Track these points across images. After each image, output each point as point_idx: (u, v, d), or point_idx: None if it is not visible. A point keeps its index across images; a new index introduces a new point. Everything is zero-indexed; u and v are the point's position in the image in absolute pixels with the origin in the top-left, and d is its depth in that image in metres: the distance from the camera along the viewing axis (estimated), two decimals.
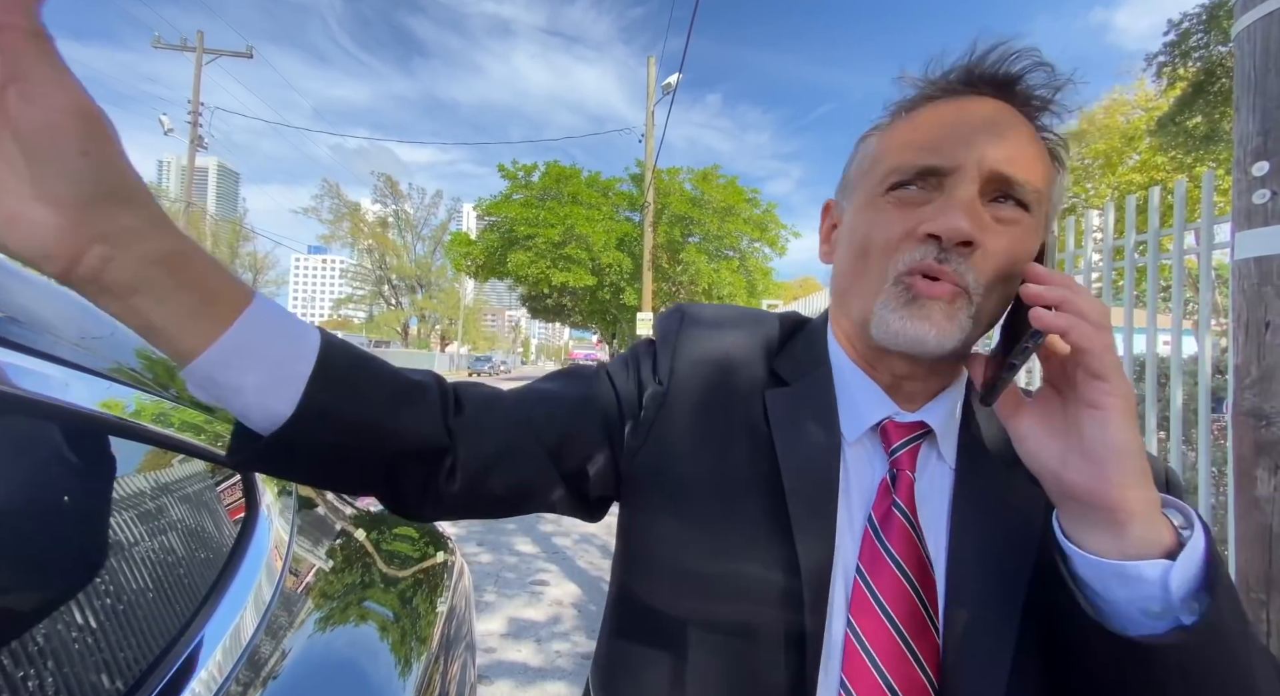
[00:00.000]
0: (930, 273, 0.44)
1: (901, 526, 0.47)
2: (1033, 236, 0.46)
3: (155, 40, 17.08)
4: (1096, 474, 0.38)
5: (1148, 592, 0.36)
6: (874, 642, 0.44)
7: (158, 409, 0.63)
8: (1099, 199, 16.81)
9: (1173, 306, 2.39)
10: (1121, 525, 0.37)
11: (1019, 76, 0.46)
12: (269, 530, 0.74)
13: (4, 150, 0.30)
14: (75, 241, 0.32)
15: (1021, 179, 0.44)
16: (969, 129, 0.45)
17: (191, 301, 0.35)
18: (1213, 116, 9.90)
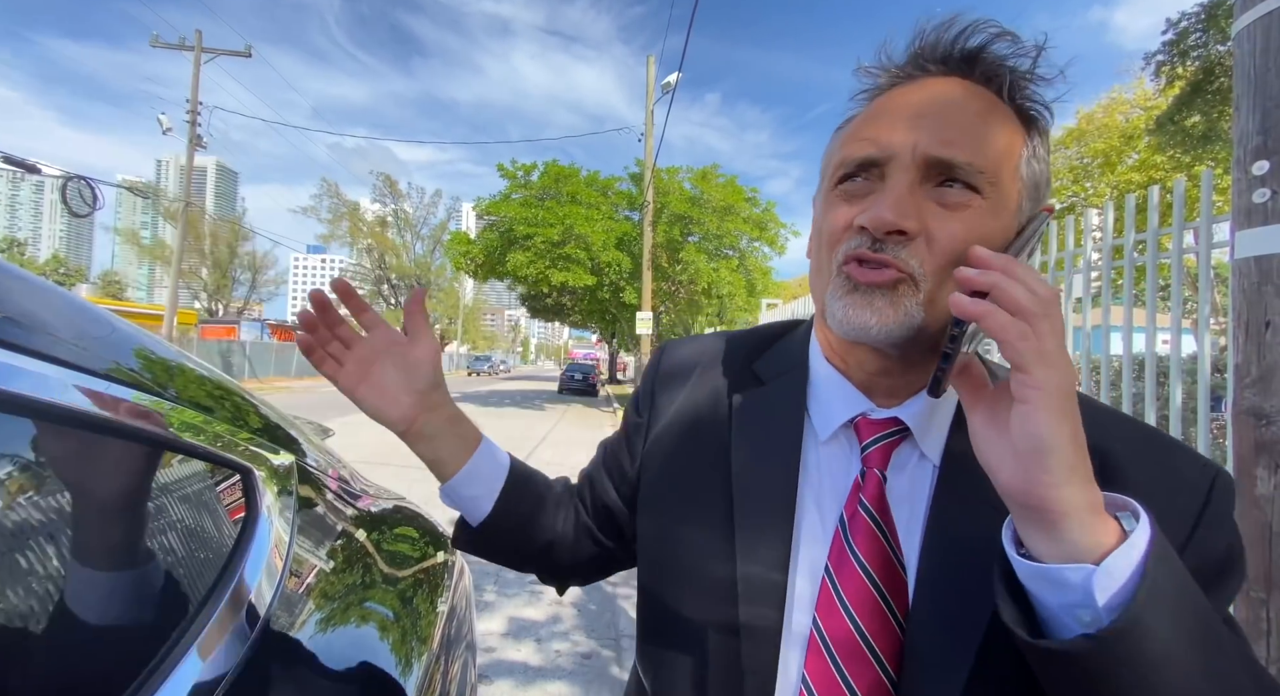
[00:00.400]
0: (865, 258, 0.44)
1: (866, 525, 0.47)
2: (990, 217, 0.43)
3: (154, 39, 17.04)
4: (1023, 471, 0.36)
5: (1073, 599, 0.34)
6: (835, 640, 0.45)
7: (156, 409, 0.63)
8: (1098, 198, 16.82)
9: (1172, 305, 2.39)
10: (1052, 526, 0.35)
11: (977, 51, 0.45)
12: (269, 530, 0.74)
13: (397, 369, 0.59)
14: (417, 412, 0.60)
15: (962, 161, 0.42)
16: (907, 115, 0.44)
17: (458, 443, 0.61)
18: (1211, 116, 9.91)
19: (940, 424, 0.50)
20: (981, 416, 0.40)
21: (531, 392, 24.14)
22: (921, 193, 0.43)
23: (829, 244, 0.47)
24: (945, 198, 0.43)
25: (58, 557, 0.49)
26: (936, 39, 0.45)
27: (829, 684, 0.44)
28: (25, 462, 0.50)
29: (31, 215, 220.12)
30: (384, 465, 7.07)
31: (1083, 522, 0.34)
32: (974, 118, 0.43)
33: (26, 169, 10.91)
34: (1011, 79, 0.45)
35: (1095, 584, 0.33)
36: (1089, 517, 0.35)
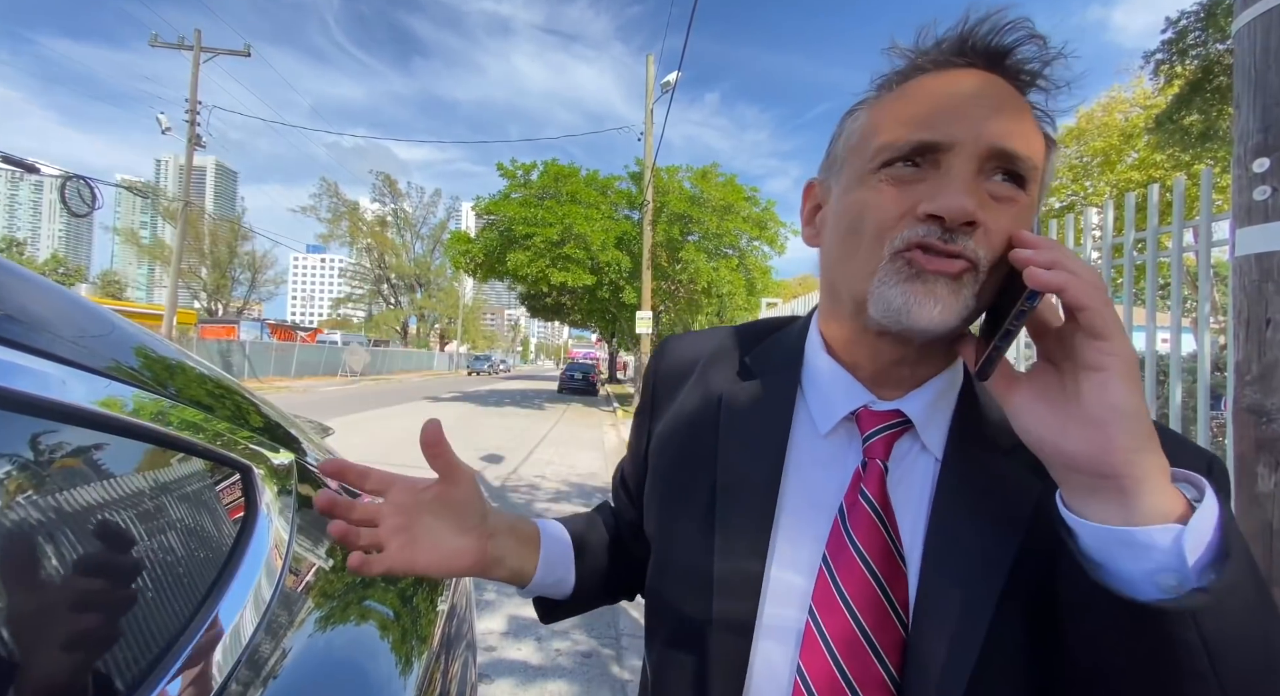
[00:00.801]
0: (934, 247, 0.42)
1: (867, 516, 0.46)
2: (1029, 213, 0.44)
3: (153, 39, 17.02)
4: (1099, 438, 0.36)
5: (1160, 561, 0.34)
6: (832, 632, 0.45)
7: (156, 407, 0.63)
8: (1098, 197, 16.81)
9: (1172, 304, 2.39)
10: (1128, 492, 0.35)
11: (1011, 48, 0.44)
12: (269, 529, 0.74)
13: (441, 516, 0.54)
14: (483, 547, 0.56)
15: (1023, 154, 0.42)
16: (966, 102, 0.43)
17: (524, 549, 0.60)
18: (1210, 114, 9.90)
19: (941, 417, 0.49)
20: (1029, 396, 0.40)
21: (531, 392, 24.15)
22: (978, 183, 0.43)
23: (878, 230, 0.44)
24: (997, 190, 0.43)
25: (57, 556, 0.49)
26: (980, 29, 0.44)
27: (828, 679, 0.44)
28: (25, 461, 0.50)
29: (31, 215, 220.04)
30: (384, 464, 7.07)
31: (1158, 487, 0.35)
32: (1022, 113, 0.44)
33: (25, 168, 10.91)
34: (1033, 82, 0.45)
35: (1186, 544, 0.33)
36: (1164, 482, 0.35)
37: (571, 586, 0.64)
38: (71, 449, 0.54)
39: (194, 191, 19.85)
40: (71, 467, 0.54)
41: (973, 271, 0.42)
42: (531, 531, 0.62)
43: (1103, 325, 0.36)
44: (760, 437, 0.53)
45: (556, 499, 5.75)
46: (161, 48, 17.10)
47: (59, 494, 0.51)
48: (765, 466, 0.51)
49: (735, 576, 0.49)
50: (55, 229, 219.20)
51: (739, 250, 18.40)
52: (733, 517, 0.51)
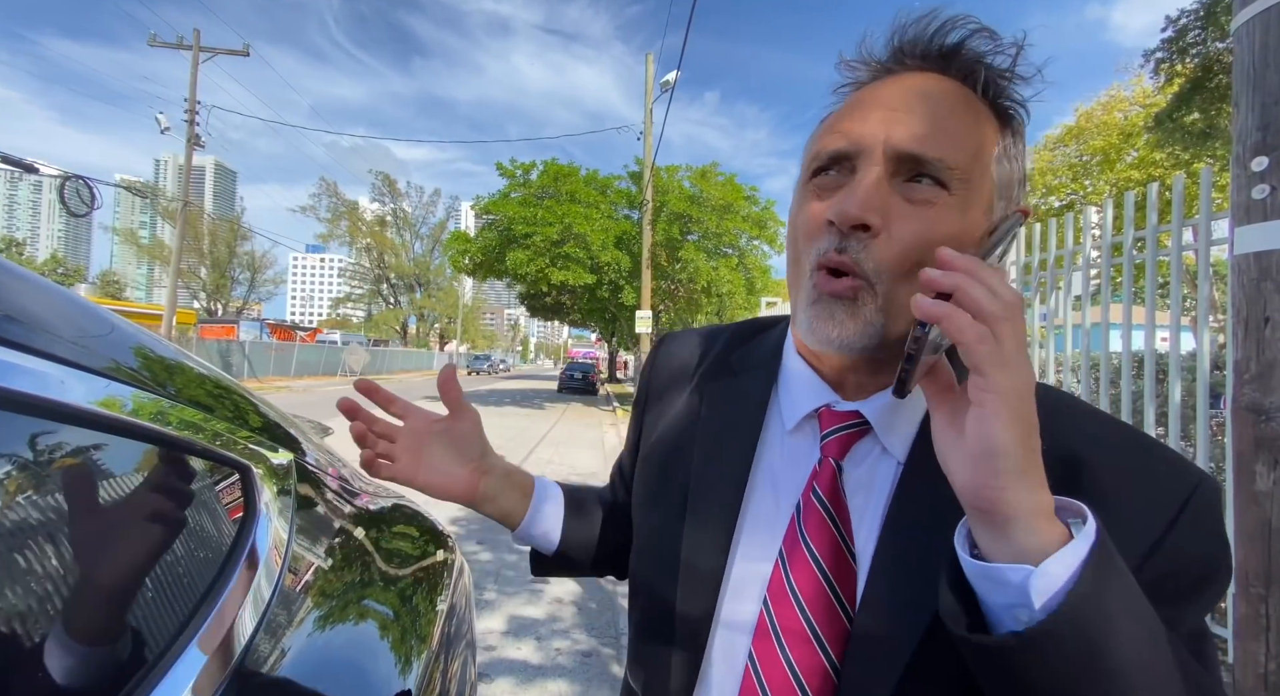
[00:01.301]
0: (831, 265, 0.44)
1: (819, 516, 0.48)
2: (957, 215, 0.43)
3: (152, 38, 17.01)
4: (974, 473, 0.35)
5: (1013, 599, 0.34)
6: (782, 624, 0.46)
7: (155, 407, 0.63)
8: (1097, 196, 16.82)
9: (1171, 303, 2.39)
10: (1000, 527, 0.35)
11: (955, 46, 0.44)
12: (267, 528, 0.74)
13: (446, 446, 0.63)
14: (476, 481, 0.64)
15: (931, 156, 0.42)
16: (880, 109, 0.44)
17: (517, 493, 0.67)
18: (1210, 113, 9.90)
19: (908, 421, 0.49)
20: (943, 418, 0.39)
21: (531, 391, 24.15)
22: (890, 187, 0.43)
23: (804, 238, 0.47)
24: (912, 193, 0.43)
25: (55, 556, 0.49)
26: (916, 34, 0.45)
27: (774, 666, 0.46)
28: (24, 461, 0.50)
29: (30, 215, 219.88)
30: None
31: (1029, 526, 0.34)
32: (947, 113, 0.43)
33: (24, 168, 10.90)
34: (988, 75, 0.45)
35: (1032, 585, 0.34)
36: (1035, 521, 0.35)
37: (557, 543, 0.69)
38: (71, 449, 0.54)
39: (193, 191, 19.85)
40: (70, 467, 0.54)
41: (867, 289, 0.43)
42: (527, 481, 0.69)
43: (977, 361, 0.34)
44: (732, 434, 0.55)
45: None
46: (160, 47, 17.08)
47: (58, 494, 0.51)
48: (734, 461, 0.54)
49: (700, 566, 0.52)
50: (54, 229, 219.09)
51: (738, 249, 18.41)
52: (702, 510, 0.53)
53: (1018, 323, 0.35)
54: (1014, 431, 0.34)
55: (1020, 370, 0.35)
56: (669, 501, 0.56)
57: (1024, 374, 0.35)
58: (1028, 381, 0.35)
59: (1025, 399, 0.35)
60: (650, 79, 14.64)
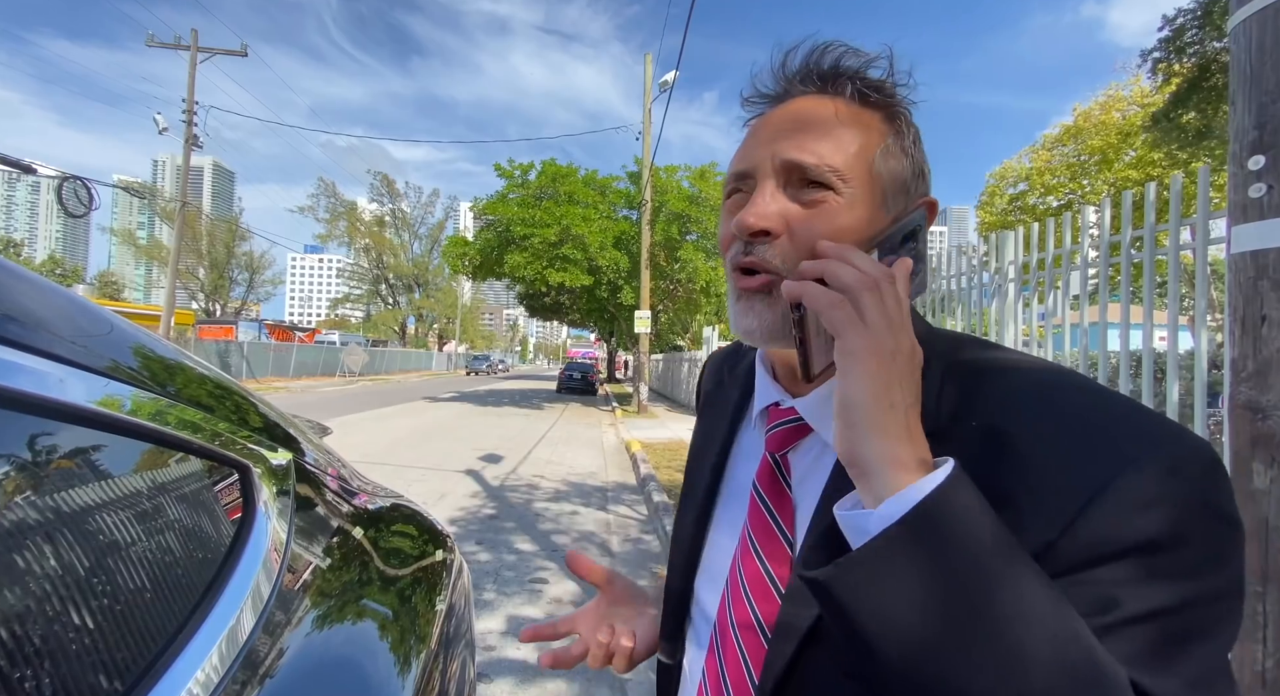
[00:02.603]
0: (742, 266, 0.49)
1: (757, 505, 0.53)
2: (847, 212, 0.47)
3: (149, 39, 16.99)
4: (838, 430, 0.40)
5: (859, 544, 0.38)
6: (733, 599, 0.52)
7: (154, 406, 0.63)
8: (1095, 195, 16.83)
9: (1169, 302, 2.39)
10: (863, 479, 0.39)
11: (828, 68, 0.50)
12: (267, 528, 0.74)
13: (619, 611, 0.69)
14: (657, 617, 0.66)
15: (810, 162, 0.47)
16: (768, 130, 0.50)
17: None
18: (1207, 112, 9.92)
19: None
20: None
21: (530, 392, 24.14)
22: (784, 196, 0.48)
23: (724, 250, 0.52)
24: (802, 197, 0.48)
25: (54, 556, 0.49)
26: (792, 62, 0.51)
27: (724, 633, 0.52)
28: (23, 460, 0.50)
29: (27, 216, 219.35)
30: (382, 464, 7.07)
31: (883, 475, 0.37)
32: (821, 124, 0.48)
33: (22, 169, 10.87)
34: (854, 86, 0.50)
35: (872, 526, 0.36)
36: (891, 470, 0.37)
37: None
38: (70, 448, 0.54)
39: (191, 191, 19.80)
40: (69, 467, 0.54)
41: (779, 281, 0.47)
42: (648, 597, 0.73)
43: (831, 324, 0.40)
44: (714, 434, 0.63)
45: (555, 498, 5.75)
46: (158, 47, 17.06)
47: (57, 493, 0.51)
48: (711, 456, 0.62)
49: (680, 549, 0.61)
50: (52, 230, 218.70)
51: None
52: (687, 501, 0.62)
53: (881, 294, 0.40)
54: (866, 387, 0.38)
55: (880, 334, 0.39)
56: (684, 504, 0.64)
57: (884, 338, 0.39)
58: (889, 345, 0.39)
59: (883, 360, 0.39)
60: (649, 79, 14.65)
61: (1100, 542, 0.35)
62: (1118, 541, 0.35)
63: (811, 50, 0.50)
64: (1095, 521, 0.35)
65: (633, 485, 6.56)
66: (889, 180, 0.49)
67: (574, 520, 4.99)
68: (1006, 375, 0.44)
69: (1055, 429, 0.39)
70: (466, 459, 7.72)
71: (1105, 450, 0.37)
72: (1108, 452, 0.37)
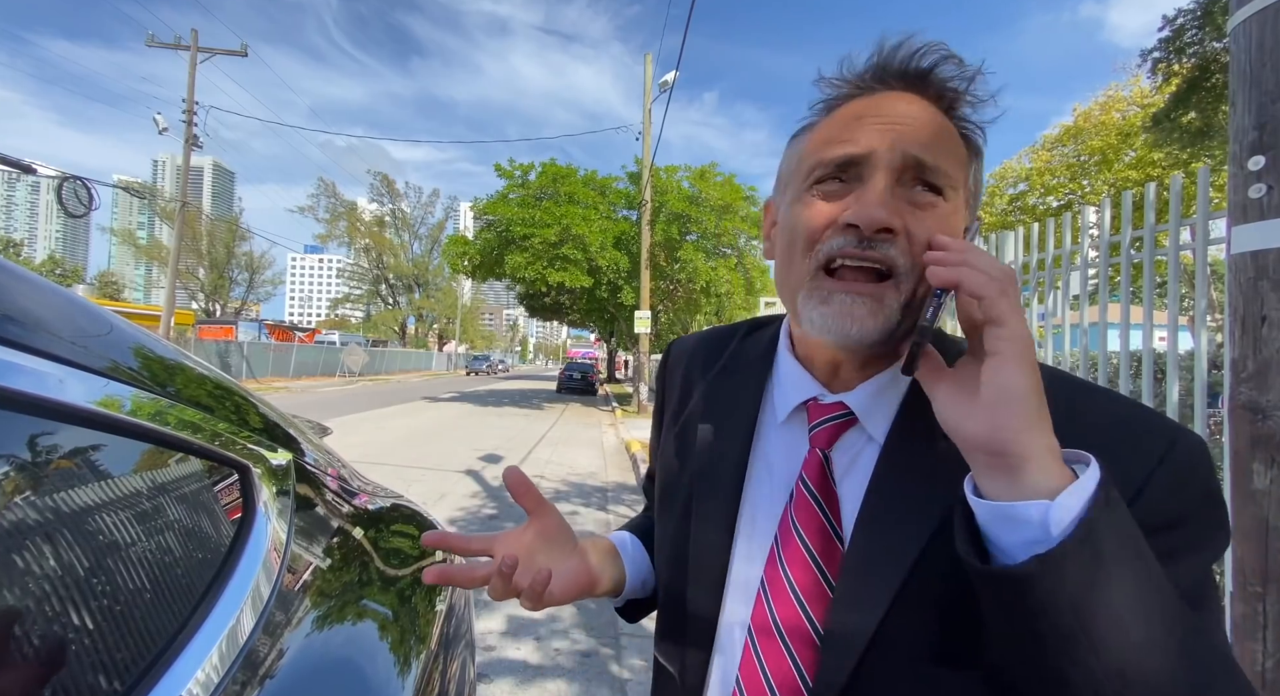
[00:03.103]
0: (851, 257, 0.46)
1: (806, 501, 0.52)
2: (952, 221, 0.48)
3: (149, 39, 16.98)
4: (990, 420, 0.39)
5: (1030, 534, 0.37)
6: (774, 595, 0.51)
7: (154, 407, 0.63)
8: (1095, 195, 16.84)
9: (1169, 302, 2.39)
10: (1015, 469, 0.38)
11: (929, 70, 0.49)
12: (266, 529, 0.74)
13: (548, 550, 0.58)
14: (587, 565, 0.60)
15: (933, 163, 0.46)
16: (882, 120, 0.47)
17: (614, 561, 0.64)
18: (1208, 112, 9.92)
19: (887, 408, 0.53)
20: (947, 387, 0.44)
21: (530, 392, 24.14)
22: (896, 194, 0.47)
23: (807, 242, 0.49)
24: (916, 198, 0.47)
25: (53, 556, 0.49)
26: (896, 55, 0.49)
27: (765, 629, 0.51)
28: (23, 460, 0.50)
29: (27, 216, 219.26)
30: (382, 464, 7.06)
31: (1043, 465, 0.37)
32: (938, 127, 0.48)
33: (22, 169, 10.87)
34: (955, 99, 0.49)
35: (1050, 518, 0.36)
36: (1048, 461, 0.38)
37: (654, 583, 0.68)
38: (69, 448, 0.54)
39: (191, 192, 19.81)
40: (69, 467, 0.54)
41: (893, 280, 0.46)
42: (609, 545, 0.67)
43: (996, 312, 0.39)
44: (729, 429, 0.59)
45: (555, 498, 5.75)
46: (158, 48, 17.06)
47: (57, 493, 0.51)
48: (732, 455, 0.58)
49: (704, 562, 0.57)
50: (52, 230, 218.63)
51: (737, 249, 18.40)
52: (705, 506, 0.58)
53: (1017, 288, 0.41)
54: (1028, 377, 0.39)
55: (1023, 323, 0.40)
56: (677, 501, 0.60)
57: (1026, 326, 0.40)
58: (1031, 336, 0.40)
59: (1033, 350, 0.39)
60: (649, 79, 14.65)
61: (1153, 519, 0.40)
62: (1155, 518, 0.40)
63: (914, 46, 0.48)
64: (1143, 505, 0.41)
65: (632, 485, 6.56)
66: (972, 195, 0.51)
67: (574, 520, 4.98)
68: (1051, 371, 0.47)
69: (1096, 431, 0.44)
70: (466, 459, 7.72)
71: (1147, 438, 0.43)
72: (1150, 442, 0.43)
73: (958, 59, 0.48)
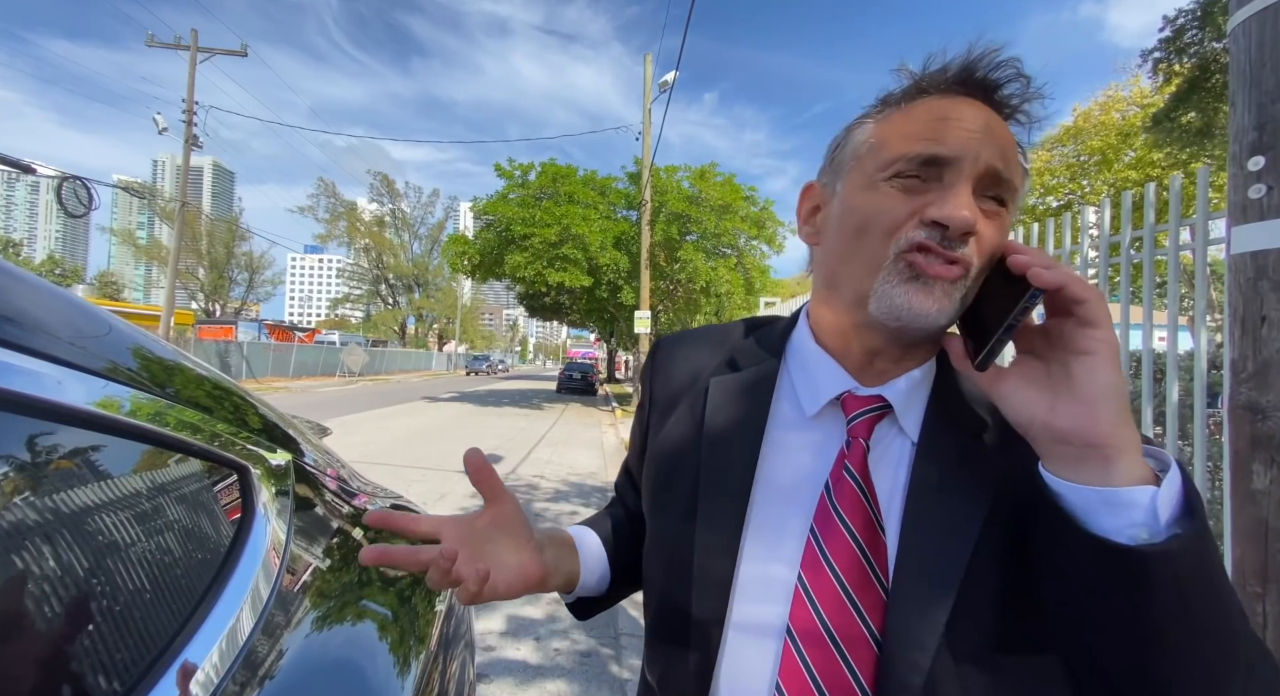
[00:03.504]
0: (933, 250, 0.48)
1: (851, 490, 0.51)
2: (1006, 229, 0.50)
3: (149, 39, 16.98)
4: (1089, 414, 0.41)
5: (1135, 517, 0.40)
6: (818, 593, 0.49)
7: (153, 408, 0.63)
8: (1095, 195, 16.84)
9: (1168, 302, 2.39)
10: (1110, 460, 0.40)
11: (1002, 83, 0.50)
12: (266, 529, 0.74)
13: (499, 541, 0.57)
14: (539, 559, 0.58)
15: (1006, 176, 0.48)
16: (970, 127, 0.48)
17: (569, 555, 0.65)
18: (1208, 112, 9.92)
19: (918, 403, 0.54)
20: (1017, 383, 0.46)
21: (530, 392, 24.13)
22: (974, 198, 0.49)
23: (885, 232, 0.50)
24: (986, 207, 0.49)
25: (52, 557, 0.49)
26: (980, 63, 0.50)
27: (814, 635, 0.49)
28: (21, 461, 0.50)
29: (27, 216, 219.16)
30: (382, 464, 7.06)
31: (1134, 457, 0.41)
32: (1009, 141, 0.50)
33: (21, 169, 10.86)
34: (1021, 119, 0.51)
35: (1159, 501, 0.39)
36: (1138, 452, 0.41)
37: (609, 582, 0.70)
38: (69, 449, 0.54)
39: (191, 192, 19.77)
40: (68, 468, 0.54)
41: (964, 277, 0.48)
42: (568, 539, 0.67)
43: (1095, 315, 0.42)
44: (739, 425, 0.58)
45: (555, 498, 5.75)
46: (158, 47, 17.05)
47: (56, 494, 0.51)
48: (742, 454, 0.57)
49: (711, 552, 0.54)
50: (51, 230, 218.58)
51: (737, 249, 18.38)
52: (713, 498, 0.56)
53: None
54: (1119, 374, 0.42)
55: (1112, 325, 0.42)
56: (678, 501, 0.58)
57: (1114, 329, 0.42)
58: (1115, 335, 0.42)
59: (1119, 349, 0.44)
60: (649, 79, 14.64)
61: None
62: None
63: (997, 59, 0.50)
64: None
65: None
66: (1017, 208, 0.52)
67: (574, 520, 4.95)
68: None
69: None
70: None
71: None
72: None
73: (1028, 78, 0.50)
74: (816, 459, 0.55)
